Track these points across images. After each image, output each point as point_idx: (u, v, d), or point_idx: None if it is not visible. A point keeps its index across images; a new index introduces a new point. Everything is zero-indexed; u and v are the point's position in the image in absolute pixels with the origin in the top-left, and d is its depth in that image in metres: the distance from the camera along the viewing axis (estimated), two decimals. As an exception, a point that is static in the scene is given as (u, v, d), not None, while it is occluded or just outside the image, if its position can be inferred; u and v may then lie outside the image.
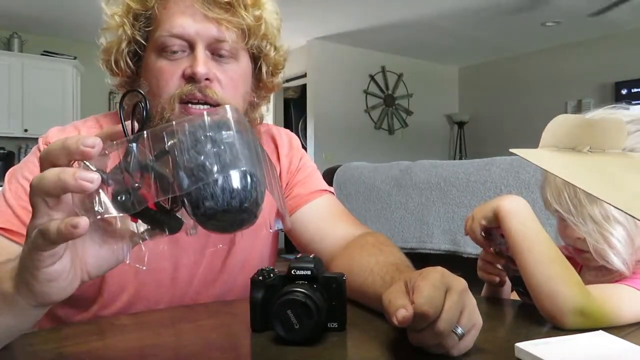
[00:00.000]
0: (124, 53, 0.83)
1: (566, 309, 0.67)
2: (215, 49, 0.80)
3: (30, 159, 0.84)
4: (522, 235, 0.72)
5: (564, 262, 0.70)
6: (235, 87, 0.83)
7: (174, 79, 0.79)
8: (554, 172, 0.35)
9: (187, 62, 0.79)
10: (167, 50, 0.79)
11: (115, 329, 0.69)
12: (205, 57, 0.79)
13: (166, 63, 0.80)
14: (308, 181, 0.98)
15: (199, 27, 0.78)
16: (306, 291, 0.60)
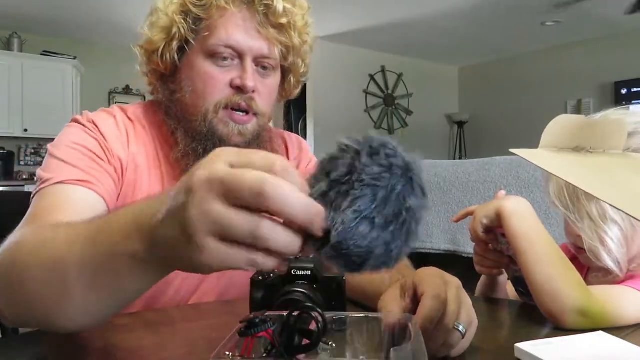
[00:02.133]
0: (173, 50, 0.85)
1: (567, 308, 0.67)
2: (260, 62, 0.86)
3: (73, 131, 0.84)
4: (524, 236, 0.73)
5: (565, 263, 0.71)
6: (270, 97, 0.90)
7: (221, 86, 0.84)
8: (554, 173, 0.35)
9: (236, 72, 0.84)
10: (218, 57, 0.84)
11: (115, 329, 0.69)
12: (252, 71, 0.84)
13: (215, 69, 0.84)
14: None
15: (252, 43, 0.84)
16: (306, 291, 0.60)
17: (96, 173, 0.80)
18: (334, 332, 0.51)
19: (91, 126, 0.85)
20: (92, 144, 0.83)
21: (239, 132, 0.84)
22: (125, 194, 0.85)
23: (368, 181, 0.40)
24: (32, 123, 5.14)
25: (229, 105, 0.84)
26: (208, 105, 0.83)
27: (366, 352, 0.51)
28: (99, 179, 0.79)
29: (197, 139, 0.84)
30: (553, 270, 0.70)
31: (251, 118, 0.86)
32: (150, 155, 0.89)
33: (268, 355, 0.44)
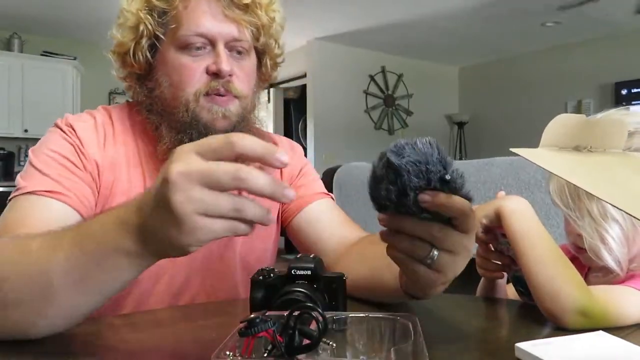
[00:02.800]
0: (144, 48, 0.86)
1: (568, 308, 0.67)
2: (233, 47, 0.86)
3: (51, 137, 0.86)
4: (524, 235, 0.73)
5: (565, 262, 0.71)
6: (249, 80, 0.89)
7: (197, 75, 0.84)
8: (554, 172, 0.35)
9: (210, 59, 0.84)
10: (190, 47, 0.84)
11: (115, 329, 0.69)
12: (226, 55, 0.85)
13: (189, 60, 0.84)
14: (311, 185, 1.02)
15: (220, 27, 0.84)
16: (306, 291, 0.60)
17: (69, 183, 0.80)
18: (334, 332, 0.51)
19: (69, 130, 0.86)
20: (68, 150, 0.84)
21: (223, 115, 0.85)
22: (103, 195, 0.85)
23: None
24: (33, 123, 5.14)
25: (209, 92, 0.84)
26: (187, 95, 0.84)
27: (366, 352, 0.51)
28: (71, 188, 0.80)
29: (182, 130, 0.85)
30: (553, 270, 0.70)
31: (232, 99, 0.86)
32: (130, 154, 0.89)
33: (268, 355, 0.44)
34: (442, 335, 0.64)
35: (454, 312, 0.81)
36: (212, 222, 0.46)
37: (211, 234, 0.47)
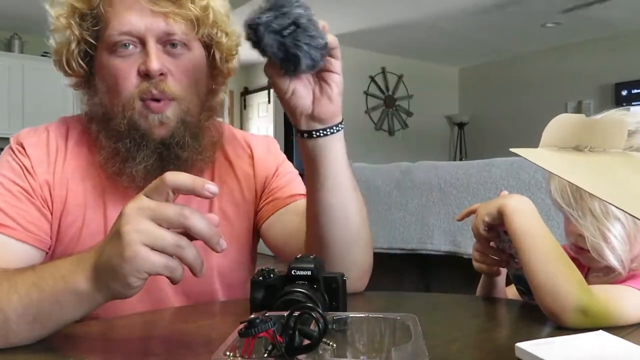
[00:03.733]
0: (74, 54, 0.83)
1: (568, 306, 0.67)
2: (166, 42, 0.81)
3: (5, 159, 0.84)
4: (526, 234, 0.73)
5: (566, 261, 0.71)
6: (188, 77, 0.83)
7: (130, 78, 0.80)
8: (555, 172, 0.35)
9: (141, 59, 0.79)
10: (119, 48, 0.79)
11: (115, 329, 0.69)
12: (157, 52, 0.79)
13: (120, 61, 0.80)
14: (288, 186, 0.96)
15: (147, 22, 0.79)
16: (306, 291, 0.60)
17: (14, 210, 0.78)
18: (335, 332, 0.51)
19: (18, 150, 0.84)
20: (17, 173, 0.81)
21: (160, 122, 0.80)
22: (56, 210, 0.83)
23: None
24: (33, 124, 5.02)
25: (143, 97, 0.79)
26: (124, 101, 0.80)
27: (366, 352, 0.51)
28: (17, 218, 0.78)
29: (119, 139, 0.81)
30: (554, 268, 0.70)
31: (168, 103, 0.80)
32: (83, 166, 0.86)
33: (268, 355, 0.44)
34: (442, 335, 0.64)
35: (454, 312, 0.81)
36: (153, 255, 0.51)
37: (150, 266, 0.52)
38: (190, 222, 0.52)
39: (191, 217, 0.52)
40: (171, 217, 0.52)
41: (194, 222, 0.52)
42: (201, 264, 0.54)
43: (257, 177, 0.96)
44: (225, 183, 0.93)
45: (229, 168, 0.95)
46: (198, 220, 0.53)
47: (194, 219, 0.52)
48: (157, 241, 0.52)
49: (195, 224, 0.52)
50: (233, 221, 0.92)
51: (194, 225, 0.52)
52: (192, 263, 0.53)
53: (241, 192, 0.94)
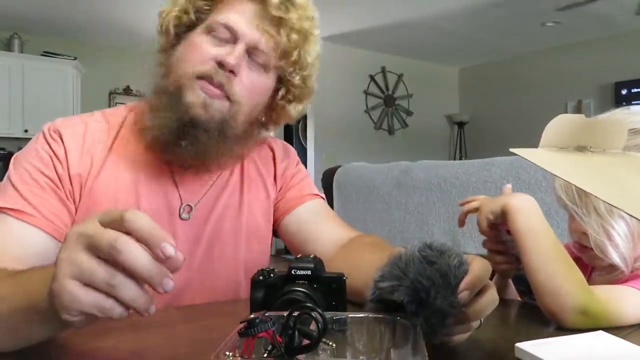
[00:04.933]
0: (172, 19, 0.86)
1: (568, 307, 0.67)
2: (251, 53, 0.85)
3: (34, 146, 0.84)
4: (528, 233, 0.72)
5: (568, 261, 0.71)
6: (251, 93, 0.86)
7: (204, 58, 0.82)
8: (554, 172, 0.35)
9: (224, 51, 0.83)
10: (214, 34, 0.84)
11: (115, 330, 0.69)
12: (241, 53, 0.83)
13: (207, 41, 0.84)
14: (301, 186, 1.02)
15: (248, 30, 0.84)
16: (306, 291, 0.60)
17: (38, 200, 0.79)
18: (334, 332, 0.51)
19: (53, 137, 0.84)
20: (46, 163, 0.82)
21: (204, 103, 0.81)
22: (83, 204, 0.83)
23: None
24: (33, 123, 5.14)
25: (204, 77, 0.82)
26: (186, 70, 0.82)
27: (366, 352, 0.51)
28: (40, 207, 0.79)
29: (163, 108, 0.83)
30: (555, 268, 0.70)
31: (222, 96, 0.82)
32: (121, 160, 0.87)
33: (268, 355, 0.44)
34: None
35: (454, 312, 0.81)
36: (81, 291, 0.43)
37: (77, 304, 0.43)
38: (122, 257, 0.42)
39: (125, 250, 0.42)
40: (102, 248, 0.43)
41: (126, 258, 0.42)
42: (145, 304, 0.46)
43: (277, 176, 1.02)
44: (252, 180, 0.98)
45: (255, 166, 1.00)
46: (134, 255, 0.43)
47: (127, 254, 0.42)
48: (84, 275, 0.43)
49: (128, 260, 0.42)
50: (257, 216, 0.97)
51: (126, 261, 0.42)
52: (129, 304, 0.45)
53: (265, 190, 0.99)
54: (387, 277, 0.53)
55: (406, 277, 0.51)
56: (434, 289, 0.51)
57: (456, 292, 0.51)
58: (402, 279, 0.52)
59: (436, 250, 0.53)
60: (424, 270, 0.51)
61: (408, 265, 0.52)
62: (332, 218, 0.99)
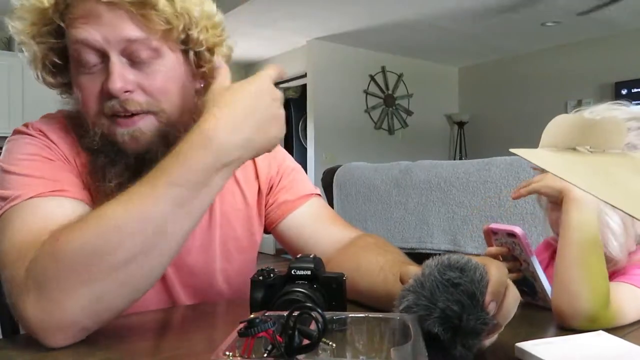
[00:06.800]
0: (46, 68, 0.79)
1: (581, 313, 0.67)
2: (131, 52, 0.72)
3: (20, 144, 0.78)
4: (577, 227, 0.71)
5: (601, 270, 0.69)
6: (164, 88, 0.76)
7: (94, 96, 0.74)
8: (554, 172, 0.35)
9: (104, 76, 0.73)
10: (83, 64, 0.73)
11: (115, 329, 0.69)
12: (120, 68, 0.72)
13: (85, 79, 0.74)
14: (294, 185, 0.96)
15: (106, 31, 0.70)
16: (306, 291, 0.60)
17: (64, 178, 0.75)
18: (334, 332, 0.51)
19: (38, 134, 0.79)
20: (46, 150, 0.77)
21: (131, 136, 0.74)
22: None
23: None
24: None
25: (110, 114, 0.74)
26: (92, 118, 0.76)
27: (366, 352, 0.51)
28: (69, 183, 0.75)
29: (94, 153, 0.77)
30: (586, 273, 0.68)
31: (142, 117, 0.75)
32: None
33: (268, 355, 0.44)
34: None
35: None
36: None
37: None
38: None
39: None
40: None
41: None
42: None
43: (260, 178, 0.95)
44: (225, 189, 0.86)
45: None
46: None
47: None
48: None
49: None
50: (235, 225, 0.92)
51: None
52: None
53: (242, 196, 0.94)
54: (414, 307, 0.51)
55: (435, 306, 0.50)
56: (465, 312, 0.50)
57: (484, 306, 0.51)
58: (431, 309, 0.50)
59: (456, 270, 0.52)
60: (452, 296, 0.50)
61: (433, 293, 0.51)
62: (331, 219, 0.95)
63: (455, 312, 0.50)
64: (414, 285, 0.52)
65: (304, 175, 1.01)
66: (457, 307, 0.50)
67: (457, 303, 0.50)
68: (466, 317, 0.50)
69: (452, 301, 0.50)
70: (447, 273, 0.52)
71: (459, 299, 0.50)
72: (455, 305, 0.50)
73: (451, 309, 0.50)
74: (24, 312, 0.60)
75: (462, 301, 0.50)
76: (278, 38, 5.73)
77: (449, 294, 0.50)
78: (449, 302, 0.50)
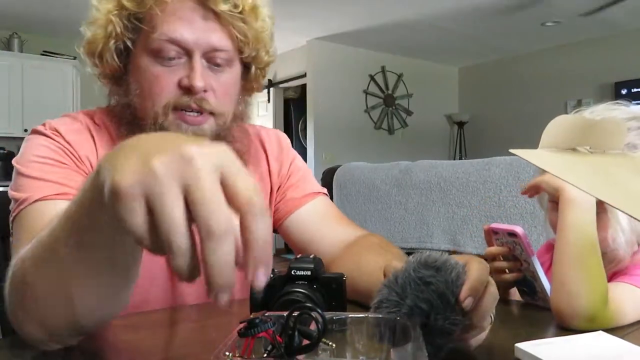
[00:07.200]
0: (111, 49, 0.81)
1: (580, 313, 0.67)
2: (211, 58, 0.80)
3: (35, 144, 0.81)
4: (573, 227, 0.71)
5: (599, 270, 0.69)
6: (228, 94, 0.83)
7: (169, 87, 0.78)
8: (554, 173, 0.35)
9: (184, 72, 0.78)
10: (162, 56, 0.78)
11: (115, 329, 0.69)
12: (202, 68, 0.78)
13: (161, 69, 0.78)
14: (301, 184, 0.98)
15: (197, 36, 0.77)
16: (306, 291, 0.60)
17: (70, 182, 0.77)
18: (334, 332, 0.51)
19: (54, 134, 0.81)
20: (58, 153, 0.79)
21: (194, 134, 0.79)
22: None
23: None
24: (32, 123, 5.04)
25: (179, 107, 0.78)
26: (157, 108, 0.79)
27: (366, 352, 0.51)
28: (75, 187, 0.75)
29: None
30: (584, 273, 0.68)
31: (206, 118, 0.80)
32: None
33: (268, 355, 0.44)
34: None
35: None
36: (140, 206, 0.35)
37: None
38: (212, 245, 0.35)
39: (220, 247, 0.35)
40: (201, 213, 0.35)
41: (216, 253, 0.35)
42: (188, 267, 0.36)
43: (272, 175, 0.98)
44: None
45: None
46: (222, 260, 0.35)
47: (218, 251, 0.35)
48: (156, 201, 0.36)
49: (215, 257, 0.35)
50: None
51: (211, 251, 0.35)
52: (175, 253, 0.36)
53: None
54: (385, 302, 0.52)
55: (404, 302, 0.50)
56: (433, 311, 0.50)
57: (456, 307, 0.50)
58: (400, 304, 0.51)
59: (432, 268, 0.52)
60: (422, 294, 0.50)
61: (404, 289, 0.51)
62: (337, 218, 0.96)
63: (422, 311, 0.50)
64: (389, 281, 0.53)
65: (312, 175, 1.03)
66: (426, 306, 0.50)
67: (426, 302, 0.50)
68: (434, 316, 0.50)
69: (421, 299, 0.50)
70: (421, 271, 0.52)
71: (429, 297, 0.50)
72: (423, 303, 0.50)
73: (419, 307, 0.50)
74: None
75: (432, 300, 0.50)
76: (278, 38, 5.67)
77: (419, 291, 0.50)
78: (417, 300, 0.50)
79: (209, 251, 0.34)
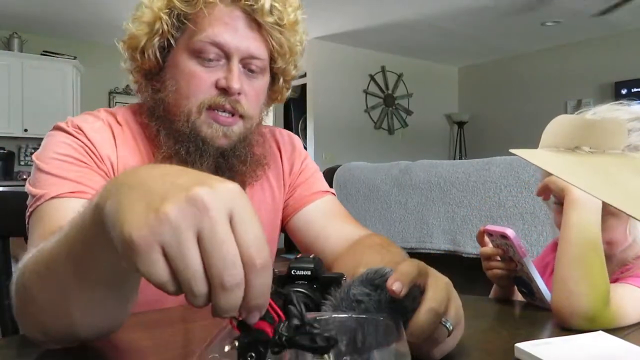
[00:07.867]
0: (154, 46, 0.84)
1: (580, 313, 0.67)
2: (247, 64, 0.84)
3: (56, 140, 0.81)
4: (577, 227, 0.71)
5: (601, 270, 0.69)
6: (258, 100, 0.88)
7: (206, 86, 0.82)
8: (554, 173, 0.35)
9: (222, 73, 0.82)
10: (203, 56, 0.82)
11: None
12: (239, 72, 0.83)
13: (200, 69, 0.82)
14: (310, 182, 1.01)
15: (239, 42, 0.82)
16: (306, 291, 0.60)
17: (88, 181, 0.78)
18: None
19: (76, 132, 0.82)
20: (79, 151, 0.80)
21: (224, 134, 0.83)
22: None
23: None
24: (32, 123, 5.13)
25: (213, 106, 0.82)
26: (191, 106, 0.82)
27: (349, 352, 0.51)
28: (92, 186, 0.77)
29: (179, 140, 0.83)
30: (585, 274, 0.68)
31: (236, 120, 0.84)
32: (137, 159, 0.86)
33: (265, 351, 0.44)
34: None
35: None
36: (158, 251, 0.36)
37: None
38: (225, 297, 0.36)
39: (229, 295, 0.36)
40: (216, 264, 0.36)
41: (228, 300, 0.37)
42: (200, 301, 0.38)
43: (285, 174, 1.01)
44: (259, 182, 0.96)
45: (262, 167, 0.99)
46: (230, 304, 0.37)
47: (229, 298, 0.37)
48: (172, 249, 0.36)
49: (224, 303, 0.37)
50: (265, 218, 0.96)
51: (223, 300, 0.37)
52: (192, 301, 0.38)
53: (272, 191, 0.99)
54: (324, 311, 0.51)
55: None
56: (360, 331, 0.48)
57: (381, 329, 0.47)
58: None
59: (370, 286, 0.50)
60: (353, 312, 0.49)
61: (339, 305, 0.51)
62: (343, 216, 0.98)
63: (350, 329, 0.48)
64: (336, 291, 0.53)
65: (321, 176, 1.06)
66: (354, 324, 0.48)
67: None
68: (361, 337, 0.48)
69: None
70: (358, 287, 0.51)
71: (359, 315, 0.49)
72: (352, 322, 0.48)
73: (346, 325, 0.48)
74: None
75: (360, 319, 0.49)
76: (278, 38, 5.72)
77: (350, 309, 0.50)
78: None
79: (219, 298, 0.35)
